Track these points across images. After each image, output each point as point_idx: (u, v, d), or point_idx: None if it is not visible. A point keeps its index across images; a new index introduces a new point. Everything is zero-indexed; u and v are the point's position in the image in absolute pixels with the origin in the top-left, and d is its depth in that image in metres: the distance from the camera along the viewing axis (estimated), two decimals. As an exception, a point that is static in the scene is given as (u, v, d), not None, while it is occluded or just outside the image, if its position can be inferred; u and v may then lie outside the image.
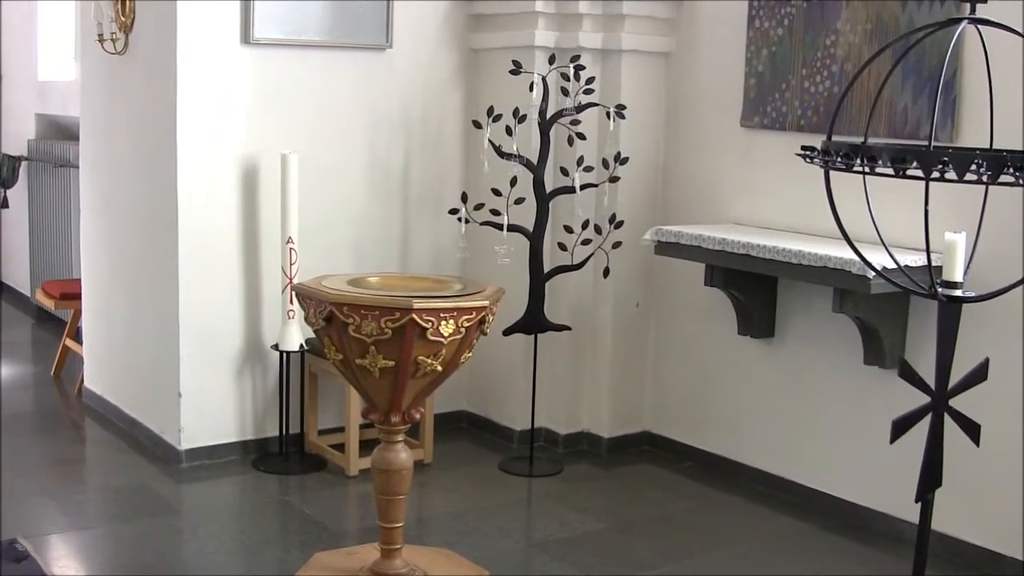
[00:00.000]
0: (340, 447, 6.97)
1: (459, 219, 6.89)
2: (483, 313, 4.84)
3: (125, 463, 7.12)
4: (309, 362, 7.01)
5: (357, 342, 4.74)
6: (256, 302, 7.01)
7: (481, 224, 6.85)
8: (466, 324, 4.79)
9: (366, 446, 6.78)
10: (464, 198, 6.92)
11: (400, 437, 5.09)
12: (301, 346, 6.85)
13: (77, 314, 8.66)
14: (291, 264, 6.73)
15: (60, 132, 10.98)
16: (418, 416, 5.09)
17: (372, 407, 5.04)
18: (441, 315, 4.71)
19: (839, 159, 3.63)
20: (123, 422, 7.62)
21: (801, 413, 6.55)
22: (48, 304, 8.91)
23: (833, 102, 6.19)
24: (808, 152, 3.83)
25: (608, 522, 6.35)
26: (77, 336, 8.76)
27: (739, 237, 6.18)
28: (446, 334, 4.74)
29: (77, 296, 8.38)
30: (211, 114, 6.78)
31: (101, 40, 7.31)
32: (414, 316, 4.65)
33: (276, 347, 6.89)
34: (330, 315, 4.76)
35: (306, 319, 4.97)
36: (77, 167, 9.57)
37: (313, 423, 7.14)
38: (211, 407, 6.98)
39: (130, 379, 7.57)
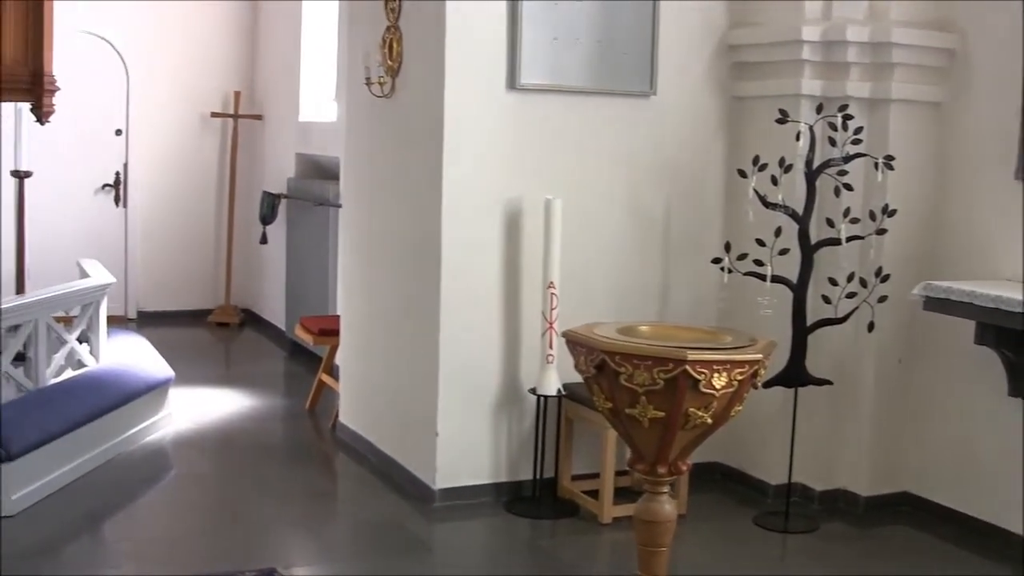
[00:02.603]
0: (593, 493, 6.93)
1: (722, 269, 6.82)
2: (756, 367, 4.77)
3: (378, 499, 7.21)
4: (566, 407, 7.00)
5: (628, 391, 4.71)
6: (515, 345, 7.03)
7: (744, 274, 6.76)
8: (739, 377, 4.73)
9: (619, 494, 6.78)
10: (727, 247, 6.84)
11: (665, 489, 5.04)
12: (559, 391, 6.84)
13: (333, 350, 8.81)
14: (552, 309, 6.74)
15: (319, 171, 11.23)
16: (685, 468, 5.03)
17: (638, 457, 5.00)
18: (714, 367, 4.65)
19: None
20: (377, 458, 7.71)
21: (1075, 481, 6.30)
22: (307, 339, 9.09)
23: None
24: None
25: (866, 585, 6.20)
26: (332, 372, 8.91)
27: (1015, 295, 5.98)
28: (718, 387, 4.68)
29: (335, 332, 8.53)
30: (476, 158, 6.85)
31: (368, 83, 7.44)
32: (687, 367, 4.60)
33: (534, 391, 6.90)
34: (602, 363, 4.74)
35: (576, 367, 4.96)
36: (335, 205, 9.81)
37: (567, 468, 7.12)
38: (467, 448, 7.01)
39: (386, 416, 7.66)
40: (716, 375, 4.66)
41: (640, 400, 4.70)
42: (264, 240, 11.93)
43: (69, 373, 7.91)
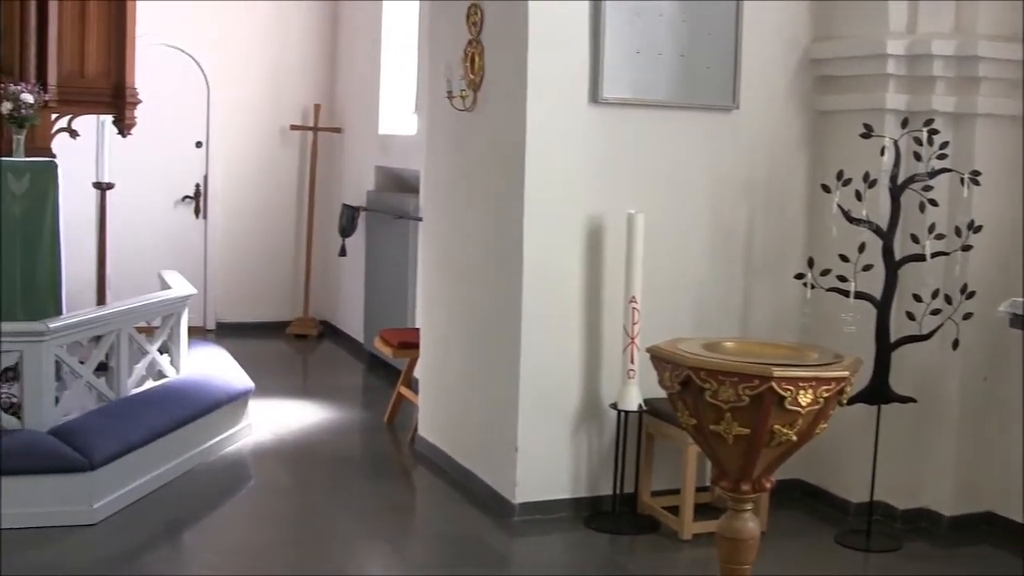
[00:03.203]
0: (673, 509, 6.89)
1: (804, 284, 6.76)
2: (843, 384, 4.73)
3: (457, 513, 7.21)
4: (647, 423, 6.97)
5: (713, 408, 4.68)
6: (596, 360, 7.01)
7: (827, 290, 6.71)
8: (825, 394, 4.69)
9: (700, 510, 6.74)
10: (811, 263, 6.79)
11: (749, 506, 5.00)
12: (640, 406, 6.81)
13: (412, 363, 8.82)
14: (633, 324, 6.72)
15: (399, 184, 11.27)
16: (769, 486, 4.99)
17: (722, 474, 4.96)
18: (800, 384, 4.62)
19: None
20: (456, 472, 7.71)
21: None
22: (386, 352, 9.10)
23: None
24: None
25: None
26: (411, 385, 8.92)
27: (1105, 314, 5.90)
28: (804, 404, 4.64)
29: (414, 345, 8.54)
30: (558, 172, 6.85)
31: (450, 97, 7.45)
32: (773, 384, 4.57)
33: (615, 406, 6.87)
34: (687, 379, 4.71)
35: (660, 382, 4.93)
36: (415, 219, 9.82)
37: (647, 484, 7.09)
38: (546, 462, 7.00)
39: (465, 430, 7.66)
40: (802, 392, 4.62)
41: (725, 417, 4.67)
42: (343, 252, 11.98)
43: (150, 384, 7.98)
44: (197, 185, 12.83)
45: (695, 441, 5.04)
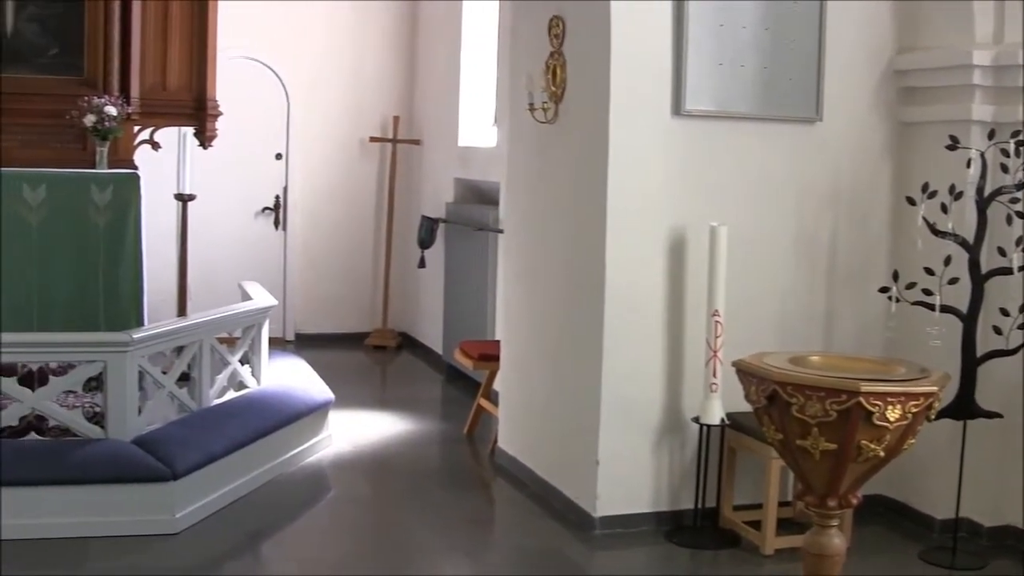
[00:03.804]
0: (754, 524, 6.84)
1: (889, 298, 6.69)
2: (932, 399, 4.69)
3: (537, 526, 7.19)
4: (729, 436, 6.92)
5: (799, 423, 4.64)
6: (678, 373, 6.97)
7: (912, 304, 6.63)
8: (913, 410, 4.65)
9: (782, 525, 6.69)
10: (895, 276, 6.72)
11: (835, 522, 4.97)
12: (722, 420, 6.76)
13: (492, 375, 8.82)
14: (716, 337, 6.67)
15: (478, 196, 11.28)
16: (855, 501, 4.95)
17: (808, 489, 4.93)
18: (888, 399, 4.58)
19: None
20: (536, 485, 7.69)
21: None
22: (466, 364, 9.09)
23: None
24: None
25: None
26: (491, 396, 8.92)
27: None
28: (892, 419, 4.60)
29: (494, 358, 8.53)
30: (640, 184, 6.82)
31: (531, 109, 7.44)
32: (861, 399, 4.53)
33: (697, 420, 6.82)
34: (773, 394, 4.68)
35: (746, 397, 4.90)
36: (495, 231, 9.82)
37: (729, 498, 7.03)
38: (628, 476, 6.97)
39: (546, 443, 7.64)
40: (890, 407, 4.58)
41: (812, 432, 4.64)
42: (422, 264, 12.00)
43: (231, 394, 8.02)
44: (277, 197, 12.91)
45: (781, 456, 5.00)
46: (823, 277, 7.28)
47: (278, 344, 11.30)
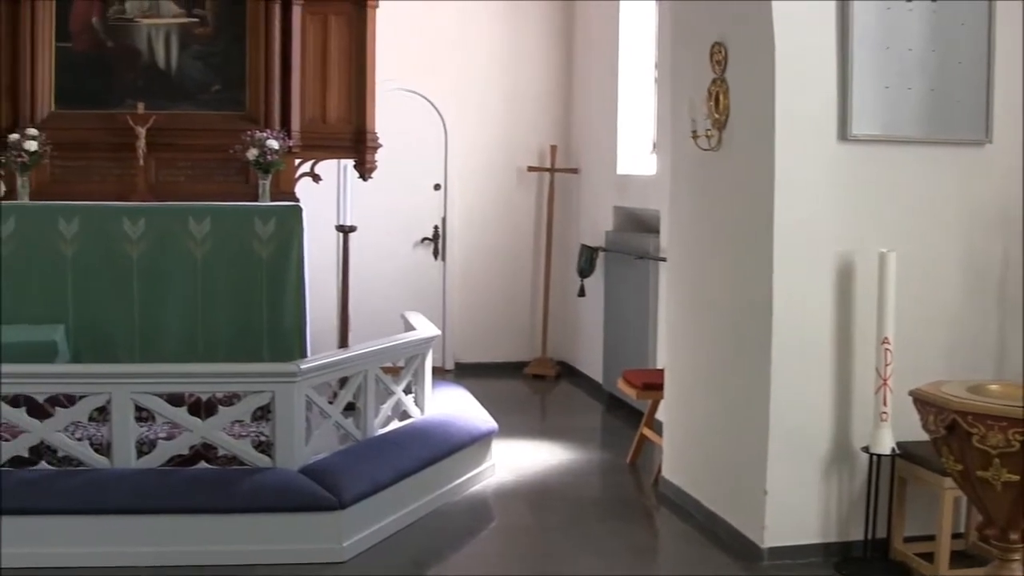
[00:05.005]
0: (926, 556, 6.68)
1: (1065, 323, 6.54)
2: (1119, 429, 4.53)
3: (703, 556, 7.13)
4: (899, 467, 6.78)
5: (980, 453, 4.54)
6: (846, 402, 6.86)
7: (1090, 329, 6.47)
8: (1099, 440, 4.50)
9: (955, 557, 6.55)
10: (1071, 301, 6.56)
11: (1017, 556, 4.83)
12: (892, 450, 6.63)
13: (656, 404, 8.77)
14: (886, 365, 6.55)
15: (638, 224, 11.23)
16: (1039, 535, 4.81)
17: (989, 522, 4.81)
18: (1073, 429, 4.44)
19: None
20: (701, 515, 7.62)
21: None
22: (629, 393, 9.03)
23: None
24: None
25: None
26: (654, 426, 8.86)
27: None
28: (1077, 449, 4.46)
29: (658, 386, 8.47)
30: (807, 211, 6.74)
31: (694, 136, 7.40)
32: (1044, 429, 4.40)
33: (866, 449, 6.70)
34: (952, 423, 4.58)
35: (924, 426, 4.81)
36: (655, 259, 9.77)
37: (900, 529, 6.89)
38: (796, 506, 6.86)
39: (712, 472, 7.57)
40: (1075, 437, 4.45)
41: (993, 462, 4.53)
42: (582, 293, 11.99)
43: (395, 424, 8.07)
44: (435, 227, 13.01)
45: (960, 487, 4.89)
46: (994, 303, 7.11)
47: (438, 373, 11.33)
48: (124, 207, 9.38)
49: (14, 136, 9.44)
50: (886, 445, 6.62)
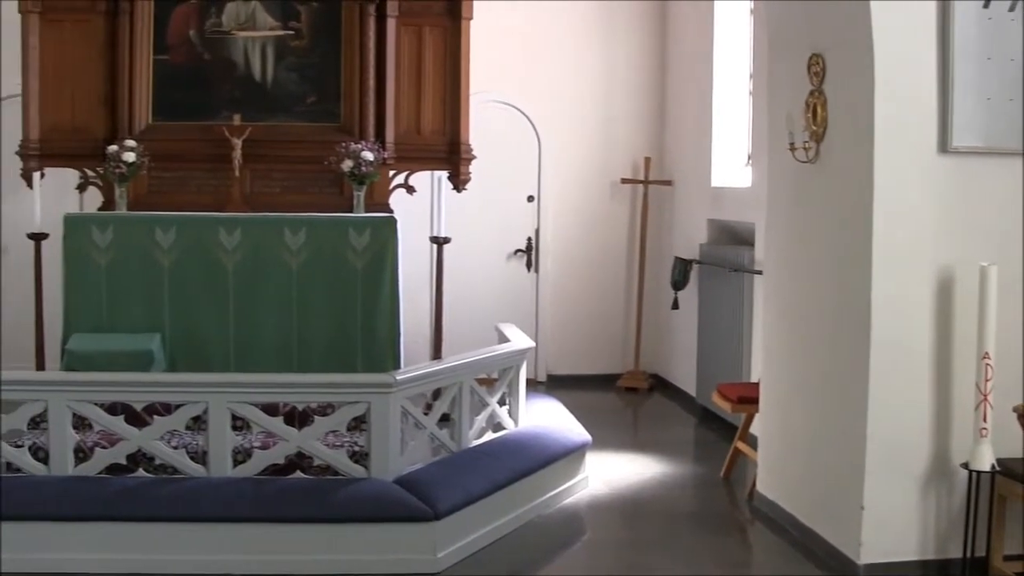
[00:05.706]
0: (1027, 575, 6.60)
1: None
2: None
3: (798, 572, 7.06)
4: (999, 484, 6.68)
5: (1084, 470, 4.45)
6: (946, 417, 6.77)
7: None
8: None
9: (1057, 576, 6.44)
10: None
11: (1120, 574, 4.73)
12: (992, 466, 6.54)
13: (750, 418, 8.71)
14: (986, 380, 6.45)
15: (732, 237, 11.17)
16: None
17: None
18: None
19: None
20: (796, 530, 7.55)
21: None
22: (724, 406, 8.98)
23: None
24: None
25: None
26: (748, 439, 8.80)
27: None
28: None
29: (753, 400, 8.42)
30: (906, 224, 6.67)
31: (792, 148, 7.34)
32: None
33: (966, 465, 6.61)
34: (1058, 440, 4.50)
35: (1029, 442, 4.72)
36: (750, 271, 9.71)
37: (999, 547, 6.78)
38: (893, 522, 6.78)
39: (807, 487, 7.50)
40: None
41: (1097, 480, 4.43)
42: (675, 306, 11.94)
43: (489, 435, 8.08)
44: (529, 239, 13.02)
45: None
46: (1101, 317, 7.00)
47: (530, 385, 11.33)
48: (220, 218, 9.46)
49: (113, 147, 9.56)
50: (986, 462, 6.53)
